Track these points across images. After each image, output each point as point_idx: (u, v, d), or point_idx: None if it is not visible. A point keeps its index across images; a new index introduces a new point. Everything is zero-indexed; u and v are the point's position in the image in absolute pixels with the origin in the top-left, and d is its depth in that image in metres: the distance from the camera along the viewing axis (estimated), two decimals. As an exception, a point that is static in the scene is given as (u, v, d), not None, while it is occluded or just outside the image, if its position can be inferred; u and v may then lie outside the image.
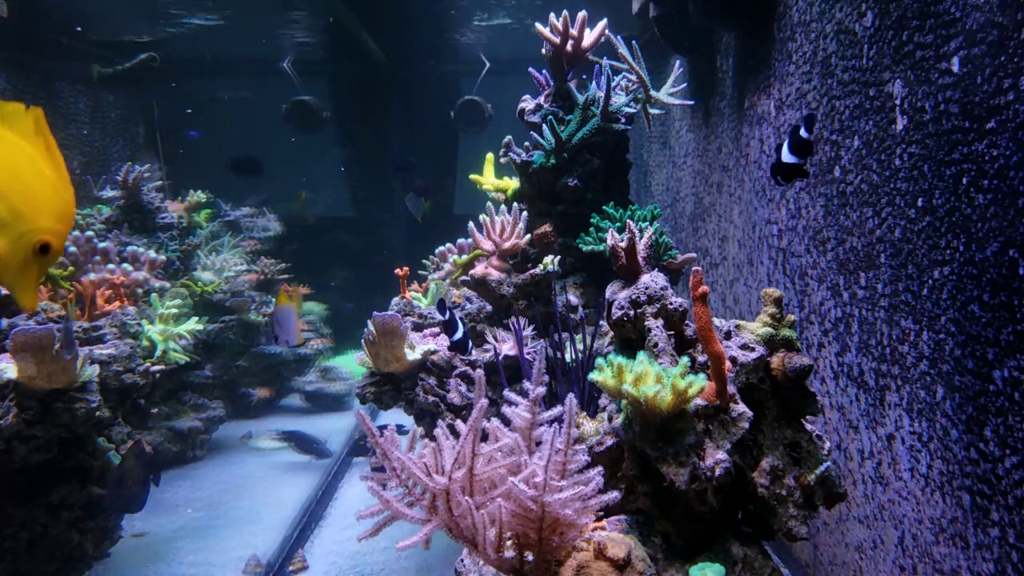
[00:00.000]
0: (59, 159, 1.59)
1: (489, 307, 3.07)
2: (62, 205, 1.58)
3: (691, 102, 3.16)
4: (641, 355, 1.55)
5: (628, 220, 2.37)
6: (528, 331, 2.78)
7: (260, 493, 3.92)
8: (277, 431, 4.51)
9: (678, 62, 3.46)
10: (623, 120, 3.05)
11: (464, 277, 3.01)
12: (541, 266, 2.89)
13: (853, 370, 2.25)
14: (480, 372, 1.36)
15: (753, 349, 1.67)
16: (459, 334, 2.47)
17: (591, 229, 2.89)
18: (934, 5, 1.76)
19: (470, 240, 3.06)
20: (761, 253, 3.08)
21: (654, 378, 1.48)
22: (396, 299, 3.33)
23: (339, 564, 3.14)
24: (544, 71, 3.17)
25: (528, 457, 1.37)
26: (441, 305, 2.53)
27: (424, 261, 4.18)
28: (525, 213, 3.01)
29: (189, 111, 7.37)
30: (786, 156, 1.64)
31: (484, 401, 1.33)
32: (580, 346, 2.34)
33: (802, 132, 1.62)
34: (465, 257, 3.16)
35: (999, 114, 1.53)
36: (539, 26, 3.02)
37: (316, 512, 3.64)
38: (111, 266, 3.72)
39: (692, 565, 1.49)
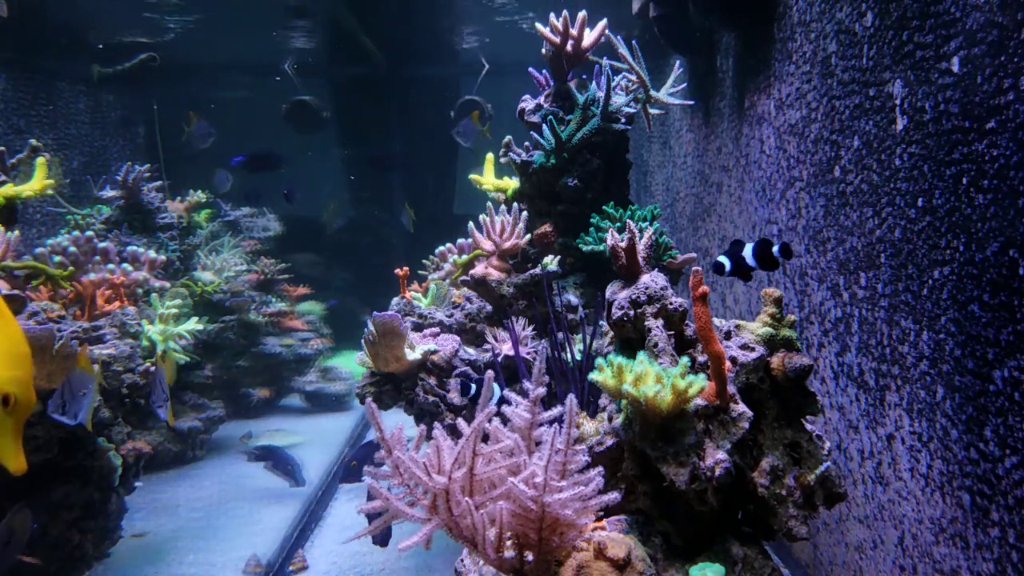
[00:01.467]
0: (7, 312, 1.50)
1: (489, 307, 3.07)
2: (14, 350, 1.44)
3: (691, 102, 3.16)
4: (641, 355, 1.55)
5: (628, 220, 2.37)
6: (528, 331, 2.78)
7: (260, 493, 3.92)
8: (255, 447, 4.29)
9: (678, 62, 3.46)
10: (623, 120, 3.05)
11: (464, 277, 3.01)
12: (541, 266, 2.89)
13: (853, 370, 2.25)
14: (490, 374, 1.36)
15: (753, 349, 1.67)
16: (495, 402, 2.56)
17: (591, 229, 2.89)
18: (934, 5, 1.76)
19: (470, 240, 3.06)
20: (761, 253, 3.08)
21: (654, 378, 1.48)
22: (396, 299, 3.33)
23: (339, 564, 3.14)
24: (544, 71, 3.17)
25: (528, 457, 1.37)
26: (465, 386, 2.60)
27: (424, 261, 4.18)
28: (525, 213, 3.00)
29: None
30: (749, 259, 1.76)
31: (492, 407, 1.34)
32: (580, 346, 2.34)
33: (774, 251, 1.75)
34: (465, 257, 3.17)
35: (999, 114, 1.53)
36: (539, 26, 3.02)
37: (316, 512, 3.64)
38: (111, 266, 3.72)
39: (692, 565, 1.49)
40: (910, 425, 1.92)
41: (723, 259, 1.79)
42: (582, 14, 3.00)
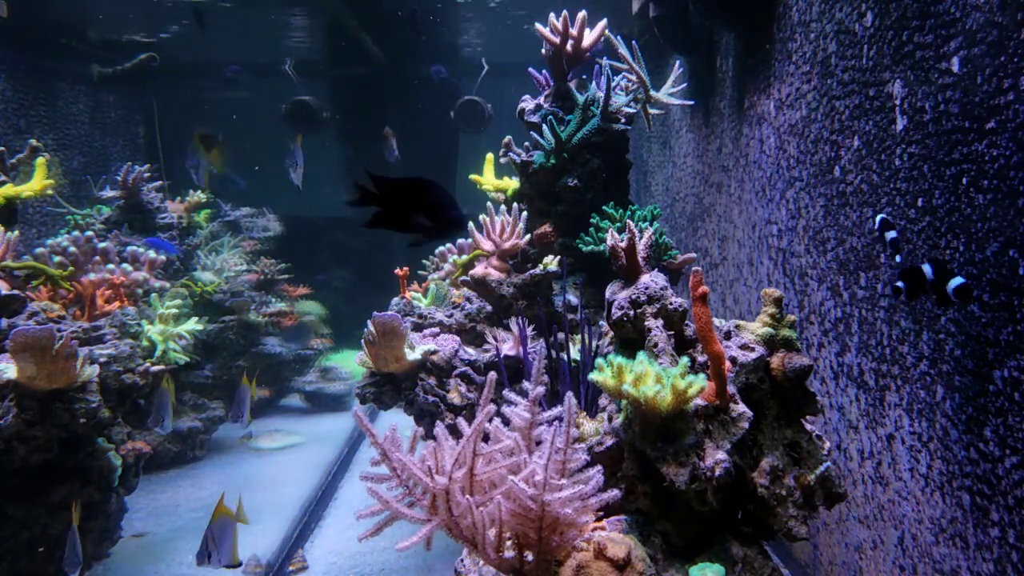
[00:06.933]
0: None
1: (489, 307, 3.07)
2: None
3: (691, 102, 3.16)
4: (641, 355, 1.55)
5: (628, 220, 2.37)
6: (528, 331, 2.78)
7: (260, 493, 3.92)
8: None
9: (678, 62, 3.46)
10: (623, 120, 3.05)
11: (464, 277, 3.01)
12: (541, 266, 2.89)
13: (853, 370, 2.25)
14: (492, 375, 1.36)
15: (753, 349, 1.67)
16: None
17: (591, 229, 2.89)
18: (934, 5, 1.76)
19: (470, 240, 3.06)
20: (761, 253, 3.08)
21: (654, 378, 1.48)
22: (396, 299, 3.33)
23: (339, 564, 3.14)
24: (544, 71, 3.16)
25: (528, 457, 1.37)
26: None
27: (424, 261, 4.18)
28: (525, 213, 3.00)
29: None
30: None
31: (492, 407, 1.34)
32: (580, 346, 2.34)
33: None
34: (465, 257, 3.16)
35: (999, 114, 1.53)
36: (539, 26, 3.02)
37: (316, 512, 3.64)
38: (111, 266, 3.72)
39: (692, 565, 1.49)
40: (910, 425, 1.92)
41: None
42: (582, 14, 2.99)
